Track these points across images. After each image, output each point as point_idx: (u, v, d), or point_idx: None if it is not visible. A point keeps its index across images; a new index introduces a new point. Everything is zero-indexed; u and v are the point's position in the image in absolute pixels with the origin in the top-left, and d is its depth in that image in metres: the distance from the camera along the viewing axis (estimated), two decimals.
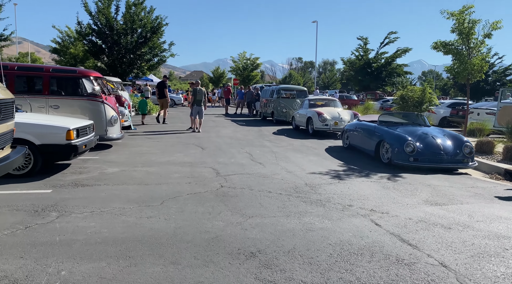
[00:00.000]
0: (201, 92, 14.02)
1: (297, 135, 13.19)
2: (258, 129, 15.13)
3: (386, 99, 25.82)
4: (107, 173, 6.61)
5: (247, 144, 10.77)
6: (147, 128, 14.32)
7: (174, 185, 5.86)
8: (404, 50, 30.23)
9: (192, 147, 9.99)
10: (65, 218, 4.24)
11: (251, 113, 23.19)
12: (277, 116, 17.78)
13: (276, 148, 10.16)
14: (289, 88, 19.16)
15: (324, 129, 12.99)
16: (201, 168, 7.26)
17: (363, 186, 6.20)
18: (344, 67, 37.31)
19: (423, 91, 17.04)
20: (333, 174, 7.04)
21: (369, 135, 9.04)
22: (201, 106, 13.86)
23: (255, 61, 38.18)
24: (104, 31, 20.39)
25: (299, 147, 10.58)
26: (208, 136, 12.24)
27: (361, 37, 31.95)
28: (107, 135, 9.01)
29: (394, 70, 31.26)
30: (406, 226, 4.28)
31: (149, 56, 21.70)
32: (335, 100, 15.26)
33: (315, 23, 43.07)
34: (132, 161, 7.73)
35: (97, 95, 8.82)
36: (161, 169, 7.02)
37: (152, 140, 10.96)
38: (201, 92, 14.03)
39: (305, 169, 7.42)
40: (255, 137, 12.37)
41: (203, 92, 14.09)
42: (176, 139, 11.43)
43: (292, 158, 8.73)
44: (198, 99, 13.90)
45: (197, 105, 13.90)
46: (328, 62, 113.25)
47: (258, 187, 5.89)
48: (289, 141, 11.73)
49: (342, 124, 12.98)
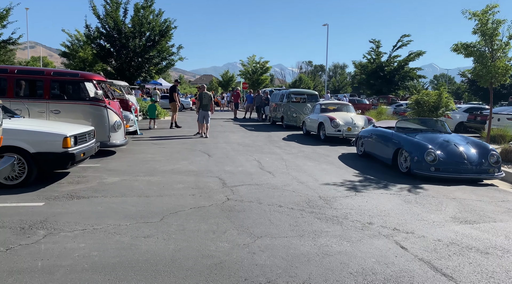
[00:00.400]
0: (207, 97, 13.63)
1: (308, 142, 12.68)
2: (267, 134, 14.67)
3: (399, 103, 25.15)
4: (106, 183, 6.19)
5: (256, 151, 10.30)
6: (153, 133, 13.95)
7: (176, 197, 5.41)
8: (417, 53, 29.46)
9: (199, 153, 9.56)
10: (53, 237, 3.81)
11: (260, 118, 22.75)
12: (287, 121, 17.31)
13: (287, 155, 9.68)
14: (300, 92, 18.68)
15: (336, 135, 12.47)
16: (207, 177, 6.81)
17: (383, 199, 5.68)
18: (356, 70, 36.67)
19: (439, 96, 16.42)
20: (348, 185, 6.53)
21: (386, 143, 8.51)
22: (207, 111, 13.50)
23: (265, 65, 37.74)
24: (112, 35, 20.16)
25: (310, 154, 10.08)
26: (215, 142, 11.81)
27: (373, 40, 31.31)
28: (110, 141, 8.63)
29: (407, 74, 30.50)
30: (437, 250, 3.76)
31: (157, 60, 21.40)
32: (348, 104, 14.73)
33: (326, 26, 42.59)
34: (134, 169, 7.31)
35: (100, 99, 8.45)
36: (164, 179, 6.58)
37: (157, 147, 10.56)
38: (206, 96, 13.64)
39: (318, 179, 6.92)
40: (264, 143, 11.90)
41: (208, 96, 13.69)
42: (182, 145, 11.02)
43: (303, 166, 8.24)
44: (204, 104, 13.54)
45: (203, 110, 13.54)
46: (338, 65, 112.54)
47: (268, 200, 5.41)
48: (300, 147, 11.23)
49: (355, 130, 12.45)
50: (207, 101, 13.59)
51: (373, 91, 31.99)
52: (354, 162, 8.98)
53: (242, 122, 20.21)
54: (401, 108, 23.39)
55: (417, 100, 17.07)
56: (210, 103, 13.60)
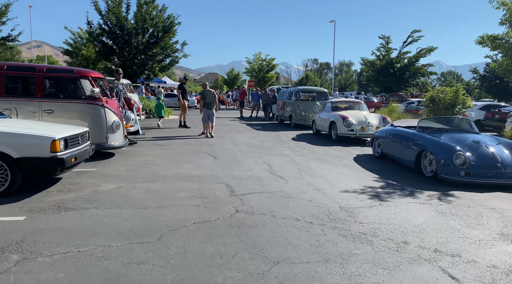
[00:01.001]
0: (210, 94, 12.99)
1: (319, 142, 11.98)
2: (275, 134, 13.98)
3: (411, 101, 24.34)
4: (100, 191, 5.55)
5: (264, 152, 9.63)
6: (157, 133, 13.32)
7: (178, 209, 4.75)
8: (428, 49, 28.55)
9: (204, 156, 8.90)
10: (27, 264, 3.16)
11: (267, 116, 22.07)
12: (296, 120, 16.61)
13: (298, 157, 8.99)
14: (309, 89, 17.97)
15: (349, 135, 11.75)
16: (213, 184, 6.14)
17: (412, 210, 4.98)
18: (363, 67, 35.82)
19: (456, 93, 15.65)
20: (370, 192, 5.83)
21: (407, 144, 7.79)
22: (211, 109, 12.89)
23: (271, 62, 37.03)
24: (114, 31, 19.55)
25: (323, 155, 9.38)
26: (221, 143, 11.14)
27: (383, 35, 30.40)
28: (107, 143, 7.99)
29: (418, 71, 29.59)
30: (495, 282, 3.07)
31: (160, 57, 20.76)
32: (360, 102, 13.99)
33: (332, 22, 41.80)
34: (133, 174, 6.67)
35: (97, 98, 7.81)
36: (165, 186, 5.92)
37: (159, 148, 9.92)
38: (210, 94, 13.00)
39: (335, 185, 6.23)
40: (273, 144, 11.22)
41: (211, 93, 13.04)
42: (187, 146, 10.37)
43: (317, 170, 7.55)
44: (207, 102, 12.93)
45: (207, 108, 12.93)
46: (344, 63, 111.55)
47: (282, 211, 4.73)
48: (311, 148, 10.54)
49: (369, 129, 11.73)
50: (211, 99, 12.97)
51: (382, 89, 31.13)
52: (372, 165, 8.27)
53: (248, 122, 19.54)
54: (413, 106, 22.60)
55: (432, 98, 16.31)
56: (214, 101, 12.99)
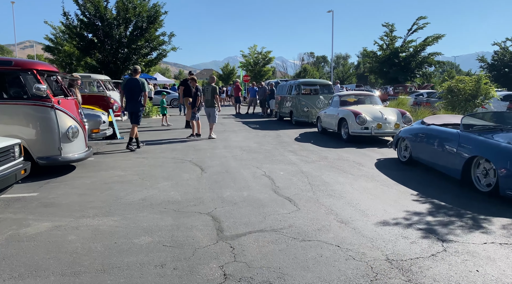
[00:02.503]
0: (210, 90, 11.30)
1: (328, 143, 10.19)
2: (275, 134, 12.18)
3: (419, 92, 22.56)
4: (23, 236, 3.74)
5: (264, 159, 7.84)
6: (140, 136, 11.48)
7: (129, 277, 2.95)
8: (436, 37, 26.66)
9: (189, 166, 7.09)
10: None
11: (264, 113, 20.27)
12: (297, 116, 14.80)
13: (306, 165, 7.20)
14: (311, 82, 16.13)
15: (363, 134, 9.96)
16: (193, 216, 4.34)
17: (498, 259, 3.21)
18: (365, 59, 33.93)
19: (478, 82, 13.90)
20: (419, 224, 4.05)
21: (449, 148, 6.00)
22: (212, 107, 11.26)
23: (267, 55, 35.10)
24: (93, 23, 17.63)
25: (337, 162, 7.59)
26: (213, 147, 9.34)
27: (386, 23, 28.40)
28: (61, 156, 6.17)
29: (425, 60, 27.70)
30: None
31: (146, 50, 18.85)
32: (372, 95, 12.19)
33: (330, 12, 39.91)
34: (85, 202, 4.85)
35: (44, 97, 5.98)
36: (124, 222, 4.11)
37: (135, 156, 8.10)
38: (209, 89, 11.31)
39: (366, 212, 4.45)
40: (273, 147, 9.42)
41: (212, 89, 11.32)
42: (170, 153, 8.55)
43: (334, 184, 5.76)
44: (205, 99, 11.26)
45: (207, 106, 11.30)
46: (341, 56, 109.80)
47: (299, 275, 2.94)
48: (319, 152, 8.74)
49: (387, 127, 9.95)
50: (210, 95, 11.25)
51: (387, 80, 29.22)
52: (402, 174, 6.49)
53: (244, 119, 17.72)
54: (422, 98, 20.82)
55: (450, 88, 14.53)
56: (214, 97, 11.29)
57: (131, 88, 8.95)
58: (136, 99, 8.94)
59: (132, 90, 8.95)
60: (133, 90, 8.92)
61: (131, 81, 9.02)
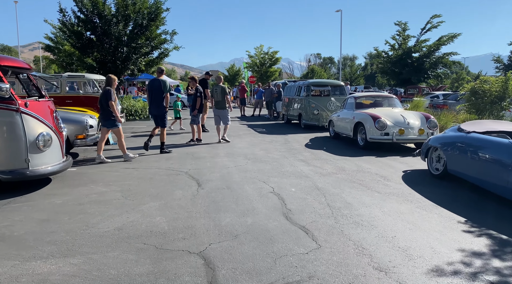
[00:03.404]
0: (219, 90, 10.42)
1: (342, 150, 9.10)
2: (283, 139, 11.11)
3: (434, 94, 21.34)
4: None
5: (272, 170, 6.76)
6: (137, 142, 10.46)
7: None
8: (451, 36, 25.35)
9: (183, 180, 6.03)
10: None
11: (271, 115, 19.19)
12: (306, 120, 13.70)
13: (321, 179, 6.12)
14: (321, 83, 15.02)
15: (383, 140, 8.84)
16: (179, 257, 3.27)
17: None
18: (375, 60, 32.64)
19: (505, 83, 12.74)
20: (487, 275, 2.95)
21: (501, 162, 4.88)
22: (222, 109, 10.41)
23: (274, 55, 34.00)
24: (91, 20, 16.68)
25: (357, 174, 6.50)
26: (213, 155, 8.28)
27: (399, 22, 27.14)
28: (29, 169, 5.14)
29: (439, 60, 26.38)
30: None
31: (147, 49, 17.86)
32: (391, 97, 11.05)
33: (339, 12, 38.82)
34: (44, 232, 3.81)
35: (8, 99, 4.96)
36: (85, 267, 3.05)
37: (124, 166, 7.07)
38: (219, 90, 10.43)
39: (409, 252, 3.36)
40: (282, 155, 8.35)
41: (221, 89, 10.45)
42: (165, 162, 7.51)
43: (359, 207, 4.68)
44: (215, 101, 10.46)
45: (216, 108, 10.45)
46: (348, 57, 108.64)
47: None
48: (335, 162, 7.65)
49: (410, 132, 8.84)
50: (221, 96, 10.38)
51: (399, 81, 27.91)
52: (438, 192, 5.39)
53: (250, 122, 16.66)
54: (439, 100, 19.61)
55: (473, 90, 13.36)
56: (223, 99, 10.42)
57: (152, 90, 8.41)
58: (158, 101, 8.36)
59: (152, 92, 8.40)
60: (154, 92, 8.37)
61: (153, 82, 8.52)
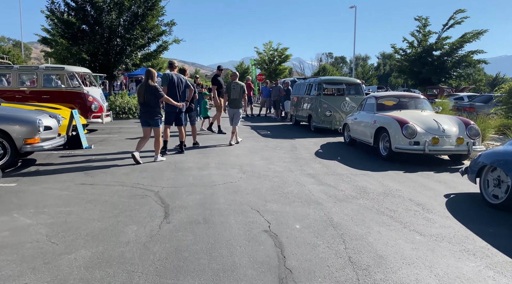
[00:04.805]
0: (237, 88, 9.21)
1: (361, 161, 7.42)
2: (290, 144, 9.45)
3: (458, 96, 19.45)
4: None
5: (271, 191, 5.12)
6: (122, 145, 8.90)
7: None
8: (477, 33, 23.26)
9: (147, 206, 4.41)
10: None
11: (278, 116, 17.54)
12: (317, 122, 12.02)
13: (337, 207, 4.46)
14: (335, 80, 13.29)
15: (413, 151, 7.12)
16: None
17: None
18: (392, 59, 30.64)
19: None
20: None
21: None
22: (237, 108, 9.24)
23: (284, 52, 32.21)
24: (82, 7, 15.18)
25: (383, 199, 4.82)
26: (201, 166, 6.66)
27: (419, 17, 25.08)
28: None
29: (463, 59, 24.27)
30: None
31: (142, 41, 16.29)
32: (418, 97, 9.28)
33: (353, 8, 36.97)
34: None
35: None
36: None
37: (82, 181, 5.48)
38: (237, 87, 9.20)
39: None
40: (286, 167, 6.71)
41: (239, 87, 9.23)
42: (137, 175, 5.91)
43: (396, 263, 3.02)
44: (231, 99, 9.23)
45: (231, 106, 9.25)
46: (360, 57, 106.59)
47: None
48: (353, 178, 5.97)
49: (446, 142, 7.11)
50: (239, 94, 9.18)
51: (418, 81, 25.83)
52: (505, 234, 3.70)
53: (254, 123, 15.02)
54: (464, 103, 17.72)
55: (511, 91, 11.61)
56: (241, 97, 9.24)
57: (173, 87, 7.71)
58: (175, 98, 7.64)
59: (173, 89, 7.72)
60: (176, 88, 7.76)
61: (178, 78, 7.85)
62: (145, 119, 6.88)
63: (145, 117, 6.84)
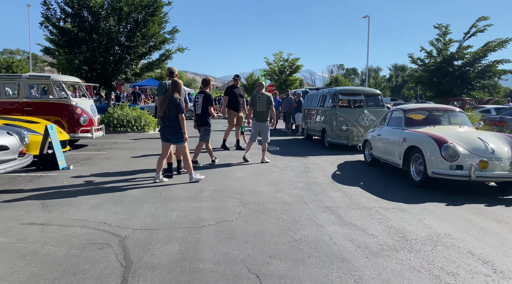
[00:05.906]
0: (264, 100, 8.14)
1: (389, 188, 6.07)
2: (301, 164, 8.14)
3: (484, 108, 17.91)
4: None
5: (277, 236, 3.79)
6: (111, 165, 7.69)
7: None
8: (502, 41, 21.73)
9: (100, 267, 3.10)
10: None
11: (288, 129, 16.28)
12: (332, 137, 10.69)
13: (371, 269, 3.11)
14: (352, 91, 11.97)
15: (455, 177, 5.73)
16: None
17: None
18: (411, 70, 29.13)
19: None
20: None
21: None
22: (263, 122, 8.18)
23: (295, 63, 31.05)
24: (78, 13, 14.20)
25: (434, 253, 3.46)
26: (192, 196, 5.37)
27: (439, 25, 23.69)
28: None
29: (487, 69, 22.70)
30: None
31: (143, 49, 15.22)
32: (453, 110, 7.90)
33: (366, 18, 35.90)
34: None
35: None
36: None
37: (31, 220, 4.23)
38: (263, 99, 8.13)
39: None
40: (298, 197, 5.38)
41: (266, 98, 8.16)
42: (107, 209, 4.64)
43: None
44: (257, 112, 8.13)
45: (257, 120, 8.16)
46: (372, 69, 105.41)
47: None
48: (385, 215, 4.61)
49: (497, 167, 5.72)
50: (266, 106, 8.08)
51: (438, 93, 24.22)
52: None
53: None
54: (490, 115, 16.21)
55: None
56: (268, 109, 8.17)
57: None
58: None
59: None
60: None
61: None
62: (165, 134, 6.20)
63: (165, 132, 6.18)
